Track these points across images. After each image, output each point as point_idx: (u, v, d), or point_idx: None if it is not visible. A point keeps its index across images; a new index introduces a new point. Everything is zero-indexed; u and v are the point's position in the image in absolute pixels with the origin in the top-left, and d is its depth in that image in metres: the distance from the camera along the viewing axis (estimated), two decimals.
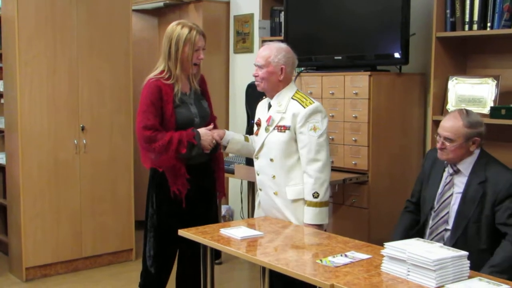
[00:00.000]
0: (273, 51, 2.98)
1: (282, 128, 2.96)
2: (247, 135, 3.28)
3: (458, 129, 2.72)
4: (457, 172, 2.80)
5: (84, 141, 4.47)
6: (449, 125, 2.76)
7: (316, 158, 2.89)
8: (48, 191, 4.34)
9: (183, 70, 3.12)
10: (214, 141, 3.11)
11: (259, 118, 3.12)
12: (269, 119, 3.01)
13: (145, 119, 3.03)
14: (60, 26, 4.33)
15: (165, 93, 3.07)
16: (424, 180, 2.98)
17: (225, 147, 3.20)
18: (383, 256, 2.21)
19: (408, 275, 2.10)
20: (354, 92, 3.71)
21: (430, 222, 2.85)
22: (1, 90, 4.71)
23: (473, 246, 2.60)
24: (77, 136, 4.44)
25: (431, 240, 2.77)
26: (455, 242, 2.67)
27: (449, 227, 2.77)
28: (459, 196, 2.76)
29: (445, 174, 2.85)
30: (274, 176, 3.00)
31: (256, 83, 3.06)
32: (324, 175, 2.90)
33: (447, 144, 2.75)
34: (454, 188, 2.80)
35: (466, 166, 2.77)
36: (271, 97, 3.04)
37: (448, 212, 2.79)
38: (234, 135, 3.21)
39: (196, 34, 3.11)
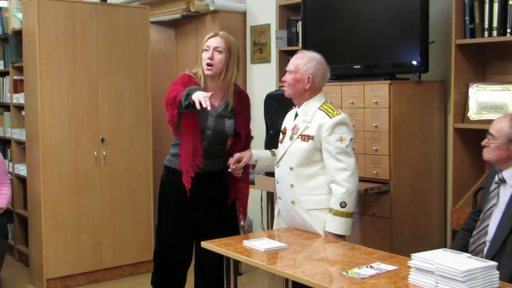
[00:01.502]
0: (304, 59, 3.00)
1: (306, 137, 2.95)
2: (274, 150, 3.27)
3: (502, 128, 2.70)
4: (502, 181, 2.70)
5: (104, 152, 4.50)
6: (496, 122, 2.75)
7: (344, 167, 2.88)
8: (68, 202, 4.37)
9: (206, 76, 3.15)
10: (206, 97, 2.85)
11: (285, 127, 3.12)
12: (295, 128, 3.00)
13: (174, 89, 3.06)
14: (80, 38, 4.38)
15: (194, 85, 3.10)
16: (485, 192, 2.89)
17: (254, 166, 3.20)
18: (409, 267, 2.18)
19: (437, 286, 2.06)
20: (374, 101, 3.69)
21: (474, 233, 2.78)
22: (23, 102, 4.76)
23: None
24: (97, 147, 4.47)
25: (470, 252, 2.69)
26: (493, 256, 2.55)
27: (489, 239, 2.67)
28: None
29: (493, 183, 2.78)
30: (292, 185, 2.99)
31: (284, 88, 3.07)
32: (353, 184, 2.88)
33: (489, 140, 2.71)
34: (500, 200, 2.70)
35: (510, 174, 2.68)
36: (299, 105, 3.04)
37: (488, 224, 2.70)
38: (260, 153, 3.21)
39: (207, 36, 3.18)
